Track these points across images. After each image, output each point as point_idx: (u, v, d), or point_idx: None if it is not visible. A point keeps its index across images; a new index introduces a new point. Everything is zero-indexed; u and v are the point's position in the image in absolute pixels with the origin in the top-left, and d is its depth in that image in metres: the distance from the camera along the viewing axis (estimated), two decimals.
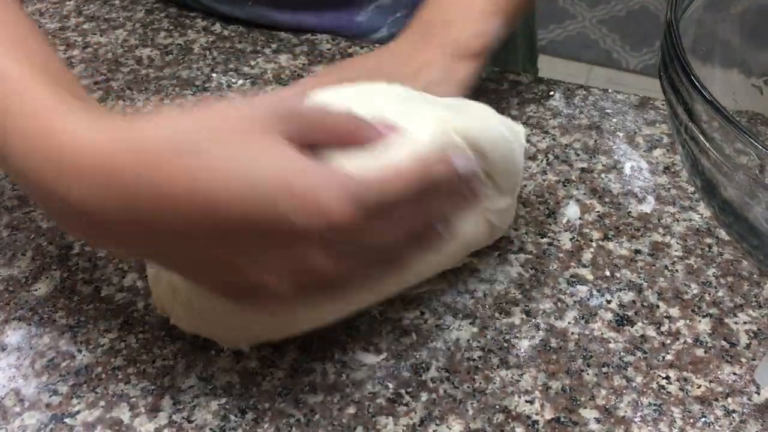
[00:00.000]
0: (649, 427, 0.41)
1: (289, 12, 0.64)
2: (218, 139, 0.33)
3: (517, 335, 0.45)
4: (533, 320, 0.45)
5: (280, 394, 0.42)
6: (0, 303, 0.46)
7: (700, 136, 0.41)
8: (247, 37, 0.64)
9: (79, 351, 0.44)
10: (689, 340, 0.45)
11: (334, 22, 0.65)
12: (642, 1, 2.04)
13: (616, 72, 1.87)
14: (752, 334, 0.45)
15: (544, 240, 0.50)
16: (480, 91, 0.59)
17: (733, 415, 0.41)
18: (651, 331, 0.45)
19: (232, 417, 0.41)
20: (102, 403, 0.42)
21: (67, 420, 0.41)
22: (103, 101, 0.59)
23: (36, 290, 0.47)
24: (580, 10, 2.02)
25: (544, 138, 0.56)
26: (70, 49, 0.63)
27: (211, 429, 0.41)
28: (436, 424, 0.41)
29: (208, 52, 0.63)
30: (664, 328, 0.45)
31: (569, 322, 0.45)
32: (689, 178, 0.49)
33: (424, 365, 0.43)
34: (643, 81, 1.82)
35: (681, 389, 0.42)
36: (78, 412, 0.41)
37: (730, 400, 0.42)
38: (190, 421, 0.41)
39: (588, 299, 0.47)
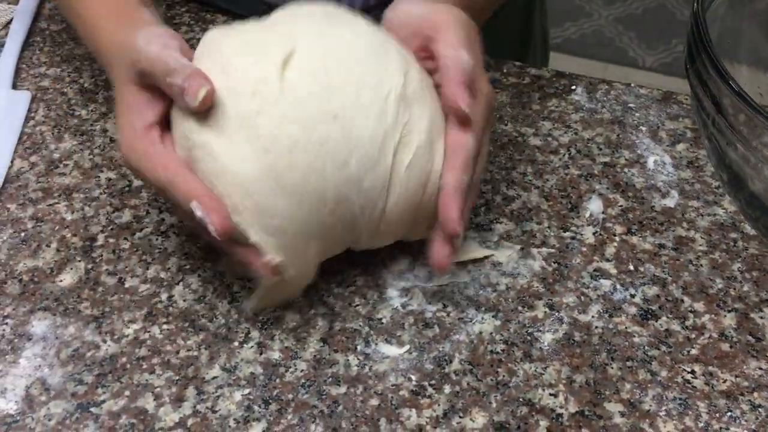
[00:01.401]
0: (675, 422, 0.41)
1: None
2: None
3: (541, 329, 0.45)
4: (556, 314, 0.45)
5: (303, 385, 0.42)
6: (25, 294, 0.46)
7: (728, 129, 0.41)
8: None
9: (104, 341, 0.44)
10: (714, 335, 0.44)
11: None
12: None
13: (632, 70, 1.85)
14: None
15: (567, 234, 0.49)
16: (501, 85, 0.59)
17: (759, 409, 0.41)
18: (676, 326, 0.45)
19: (256, 408, 0.41)
20: (127, 392, 0.42)
21: (92, 409, 0.41)
22: None
23: (61, 281, 0.47)
24: (596, 8, 2.01)
25: (566, 132, 0.56)
26: None
27: (235, 419, 0.41)
28: (460, 417, 0.41)
29: None
30: (688, 323, 0.45)
31: (593, 316, 0.45)
32: (715, 172, 0.49)
33: (447, 358, 0.43)
34: (659, 79, 1.81)
35: (706, 384, 0.42)
36: (103, 402, 0.42)
37: (756, 394, 0.42)
38: (214, 411, 0.41)
39: (612, 293, 0.46)
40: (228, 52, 0.43)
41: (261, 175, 0.40)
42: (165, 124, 0.44)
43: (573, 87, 0.59)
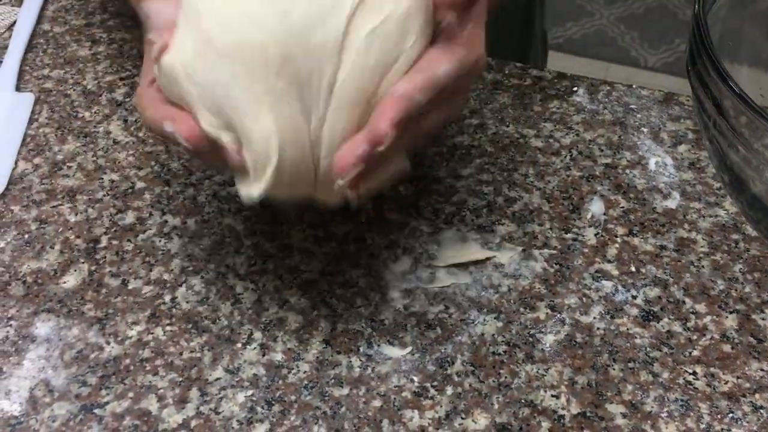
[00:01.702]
0: (676, 423, 0.41)
1: None
2: None
3: (542, 330, 0.45)
4: (558, 315, 0.45)
5: (305, 386, 0.42)
6: (29, 295, 0.47)
7: (729, 131, 0.41)
8: None
9: (108, 343, 0.44)
10: (716, 336, 0.44)
11: None
12: None
13: (635, 70, 1.86)
14: None
15: (569, 235, 0.50)
16: (503, 86, 0.59)
17: (761, 411, 0.41)
18: (677, 327, 0.45)
19: (259, 409, 0.41)
20: (130, 394, 0.42)
21: (96, 411, 0.41)
22: (128, 96, 0.59)
23: (64, 283, 0.47)
24: (597, 8, 2.01)
25: (567, 134, 0.56)
26: (95, 46, 0.64)
27: (238, 421, 0.41)
28: (462, 418, 0.41)
29: None
30: (690, 324, 0.45)
31: (594, 318, 0.45)
32: (717, 174, 0.49)
33: (449, 359, 0.43)
34: (661, 79, 1.81)
35: (708, 385, 0.42)
36: (107, 403, 0.42)
37: (757, 396, 0.42)
38: (217, 413, 0.41)
39: (613, 294, 0.46)
40: None
41: (197, 49, 0.37)
42: None
43: (574, 88, 0.59)
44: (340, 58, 0.37)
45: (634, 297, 0.46)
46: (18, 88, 0.60)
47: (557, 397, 0.42)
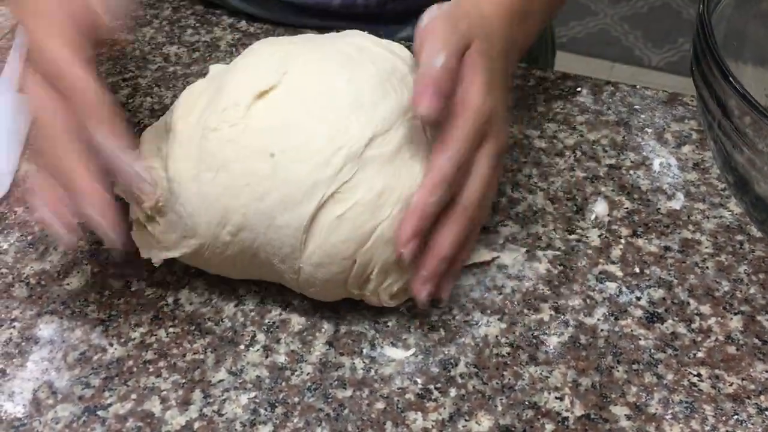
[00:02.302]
0: (681, 425, 0.41)
1: (317, 19, 0.64)
2: None
3: (546, 331, 0.45)
4: (562, 317, 0.45)
5: (309, 388, 0.42)
6: (32, 297, 0.47)
7: (733, 132, 0.41)
8: (273, 34, 0.64)
9: (111, 344, 0.44)
10: (721, 338, 0.44)
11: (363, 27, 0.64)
12: None
13: (639, 69, 1.85)
14: None
15: (573, 236, 0.49)
16: None
17: (767, 412, 0.41)
18: (682, 329, 0.45)
19: (262, 411, 0.41)
20: (134, 396, 0.42)
21: (99, 412, 0.41)
22: (131, 98, 0.59)
23: (68, 284, 0.47)
24: (601, 7, 2.01)
25: (571, 134, 0.56)
26: (98, 47, 0.64)
27: (241, 422, 0.41)
28: (466, 420, 0.41)
29: (234, 49, 0.63)
30: (695, 326, 0.45)
31: (598, 319, 0.45)
32: (721, 175, 0.49)
33: (452, 361, 0.43)
34: (666, 78, 1.80)
35: (713, 387, 0.42)
36: (110, 405, 0.42)
37: (762, 398, 0.42)
38: (220, 415, 0.41)
39: (617, 296, 0.46)
40: (242, 64, 0.46)
41: (189, 176, 0.43)
42: None
43: (578, 89, 0.59)
44: (307, 236, 0.42)
45: (639, 298, 0.46)
46: (21, 90, 0.60)
47: (561, 399, 0.42)
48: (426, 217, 0.41)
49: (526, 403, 0.42)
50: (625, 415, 0.41)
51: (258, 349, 0.44)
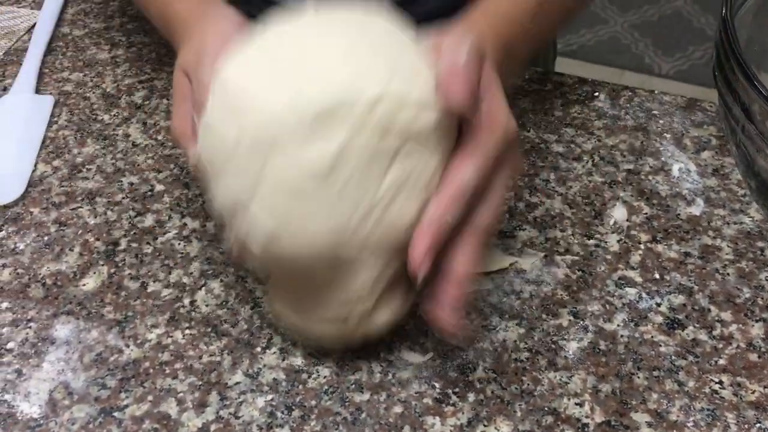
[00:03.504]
0: None
1: None
2: None
3: (565, 337, 0.44)
4: (581, 322, 0.45)
5: (326, 392, 0.42)
6: (49, 297, 0.46)
7: (757, 136, 0.41)
8: None
9: (127, 346, 0.44)
10: (742, 345, 0.44)
11: None
12: (674, 6, 2.02)
13: (649, 77, 1.85)
14: None
15: (591, 242, 0.49)
16: (523, 91, 0.59)
17: None
18: (703, 335, 0.44)
19: (279, 414, 0.41)
20: (150, 397, 0.42)
21: (115, 414, 0.41)
22: (147, 99, 0.59)
23: (84, 285, 0.47)
24: (611, 15, 2.01)
25: (589, 139, 0.55)
26: (114, 49, 0.64)
27: (258, 425, 0.41)
28: (484, 425, 0.40)
29: None
30: (716, 332, 0.44)
31: (618, 325, 0.45)
32: (743, 180, 0.48)
33: (470, 365, 0.43)
34: (676, 86, 1.80)
35: (735, 394, 0.42)
36: (126, 406, 0.41)
37: None
38: (237, 417, 0.41)
39: (637, 302, 0.46)
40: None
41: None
42: None
43: (596, 93, 0.59)
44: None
45: (659, 304, 0.46)
46: (37, 91, 0.60)
47: (581, 405, 0.41)
48: (443, 233, 0.37)
49: (546, 408, 0.41)
50: (646, 422, 0.41)
51: (275, 352, 0.44)
